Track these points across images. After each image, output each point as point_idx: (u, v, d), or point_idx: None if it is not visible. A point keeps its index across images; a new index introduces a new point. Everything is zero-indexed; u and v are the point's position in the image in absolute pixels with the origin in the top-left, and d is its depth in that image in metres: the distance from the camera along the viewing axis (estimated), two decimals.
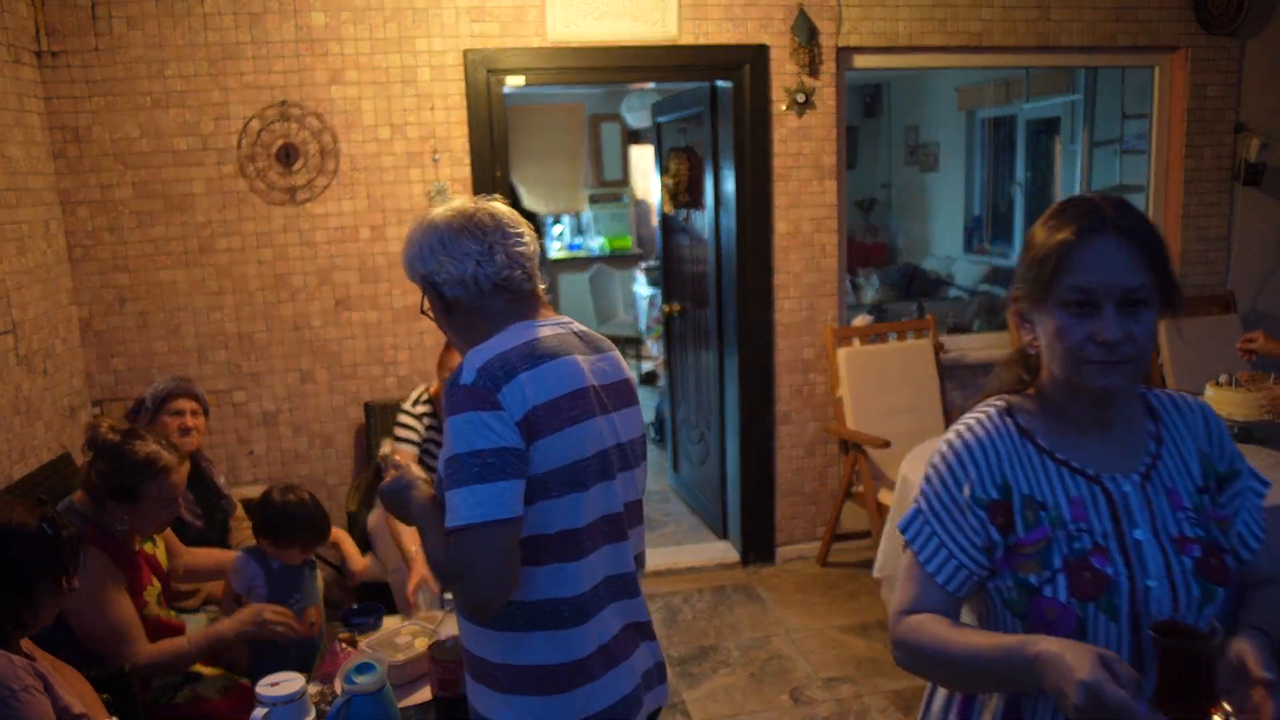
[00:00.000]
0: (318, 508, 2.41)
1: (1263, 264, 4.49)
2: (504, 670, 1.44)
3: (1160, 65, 4.29)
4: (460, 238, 1.46)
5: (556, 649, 1.43)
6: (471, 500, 1.32)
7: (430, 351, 3.69)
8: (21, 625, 1.71)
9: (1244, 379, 3.10)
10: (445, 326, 1.55)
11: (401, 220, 3.60)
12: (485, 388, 1.36)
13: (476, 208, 1.51)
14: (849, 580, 3.92)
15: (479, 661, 1.48)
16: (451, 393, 1.38)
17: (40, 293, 3.16)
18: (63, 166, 3.35)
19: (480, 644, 1.47)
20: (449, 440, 1.36)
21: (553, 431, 1.39)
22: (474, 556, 1.32)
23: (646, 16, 3.66)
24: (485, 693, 1.47)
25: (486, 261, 1.46)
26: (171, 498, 2.16)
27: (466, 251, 1.46)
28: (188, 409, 2.80)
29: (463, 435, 1.34)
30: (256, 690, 1.73)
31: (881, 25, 3.87)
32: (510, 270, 1.48)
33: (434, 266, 1.47)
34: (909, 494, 2.89)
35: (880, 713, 2.97)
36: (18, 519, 1.73)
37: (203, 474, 2.88)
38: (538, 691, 1.43)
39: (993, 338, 4.47)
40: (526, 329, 1.47)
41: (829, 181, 3.93)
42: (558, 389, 1.41)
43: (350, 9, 3.46)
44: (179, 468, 2.18)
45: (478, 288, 1.47)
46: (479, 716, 1.50)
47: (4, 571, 1.68)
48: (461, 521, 1.32)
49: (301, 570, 2.37)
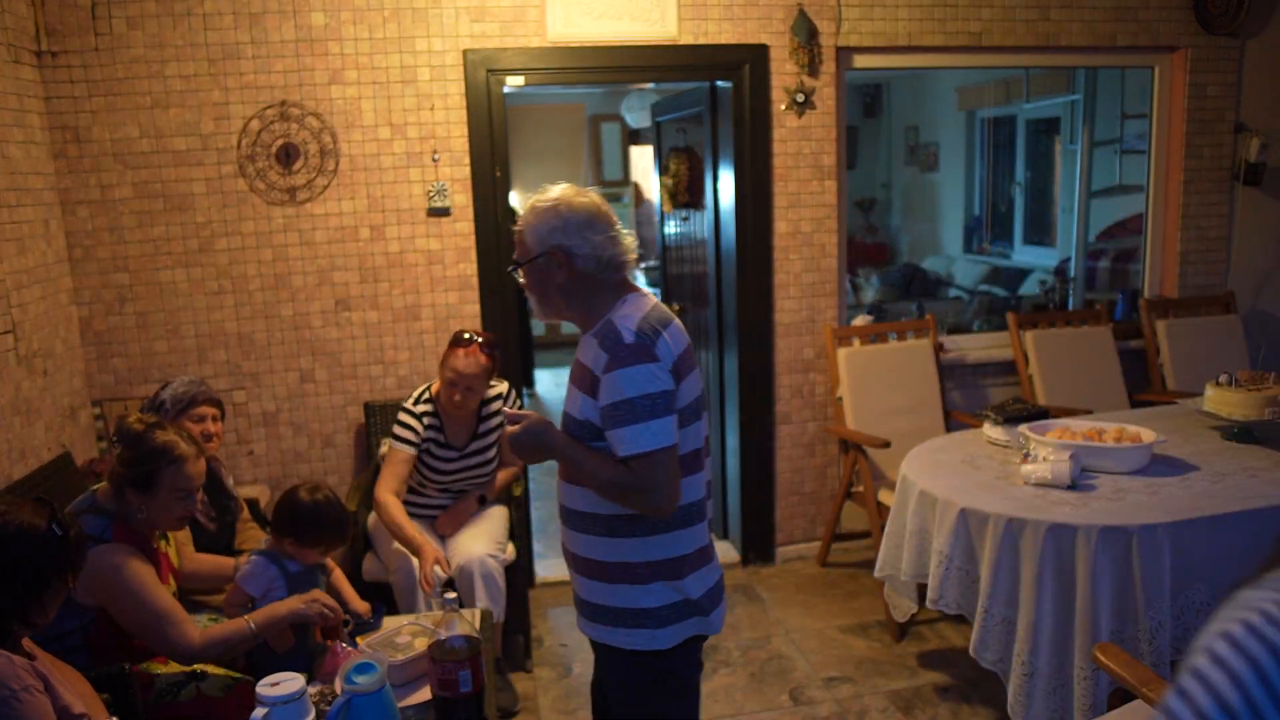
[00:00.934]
0: (342, 507, 2.40)
1: (1263, 264, 4.49)
2: (644, 565, 1.82)
3: (1160, 65, 4.29)
4: (598, 222, 1.80)
5: (687, 542, 1.85)
6: (648, 433, 1.71)
7: (430, 351, 3.69)
8: (29, 625, 1.71)
9: (1244, 379, 3.10)
10: (556, 293, 1.83)
11: (401, 220, 3.60)
12: (645, 344, 1.73)
13: (600, 200, 1.84)
14: (849, 580, 3.92)
15: (618, 565, 1.83)
16: (617, 349, 1.72)
17: (40, 293, 3.16)
18: (63, 166, 3.35)
19: (621, 550, 1.82)
20: (616, 386, 1.71)
21: (685, 376, 1.79)
22: (657, 475, 1.72)
23: (646, 16, 3.66)
24: (625, 588, 1.83)
25: (613, 245, 1.81)
26: (186, 488, 2.15)
27: (601, 234, 1.79)
28: (209, 415, 2.79)
29: (634, 382, 1.71)
30: (257, 690, 1.73)
31: (881, 25, 3.87)
32: (625, 255, 1.83)
33: (576, 241, 1.78)
34: (909, 494, 2.89)
35: (880, 713, 2.97)
36: (28, 519, 1.72)
37: (214, 475, 2.87)
38: (673, 576, 1.83)
39: (993, 338, 4.47)
40: (641, 299, 1.84)
41: (829, 181, 3.93)
42: (682, 344, 1.82)
43: (350, 9, 3.46)
44: (195, 459, 2.18)
45: (605, 264, 1.80)
46: (612, 609, 1.84)
47: (16, 572, 1.68)
48: (645, 449, 1.71)
49: (315, 571, 2.37)
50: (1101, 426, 2.94)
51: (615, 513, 1.80)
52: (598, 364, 1.74)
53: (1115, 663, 1.90)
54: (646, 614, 1.83)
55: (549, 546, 4.35)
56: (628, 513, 1.79)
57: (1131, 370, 4.27)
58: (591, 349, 1.78)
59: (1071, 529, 2.40)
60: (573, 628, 3.59)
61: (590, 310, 1.83)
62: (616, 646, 1.87)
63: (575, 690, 3.17)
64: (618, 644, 1.87)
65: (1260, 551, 2.47)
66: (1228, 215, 4.39)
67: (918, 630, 3.48)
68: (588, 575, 1.88)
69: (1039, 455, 2.77)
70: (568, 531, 1.91)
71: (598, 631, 1.90)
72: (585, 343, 1.82)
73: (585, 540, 1.86)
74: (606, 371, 1.72)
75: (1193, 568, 2.42)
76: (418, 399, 3.09)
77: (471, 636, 1.95)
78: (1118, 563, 2.38)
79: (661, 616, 1.84)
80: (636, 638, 1.85)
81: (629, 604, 1.84)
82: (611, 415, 1.73)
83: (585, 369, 1.79)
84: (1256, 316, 4.49)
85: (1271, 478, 2.68)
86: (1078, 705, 2.37)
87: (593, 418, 1.77)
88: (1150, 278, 4.49)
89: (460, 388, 2.97)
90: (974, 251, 7.95)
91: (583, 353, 1.82)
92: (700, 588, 1.87)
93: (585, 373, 1.79)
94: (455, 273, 3.68)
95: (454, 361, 2.97)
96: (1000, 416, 3.21)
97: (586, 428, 1.78)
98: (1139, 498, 2.57)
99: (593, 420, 1.77)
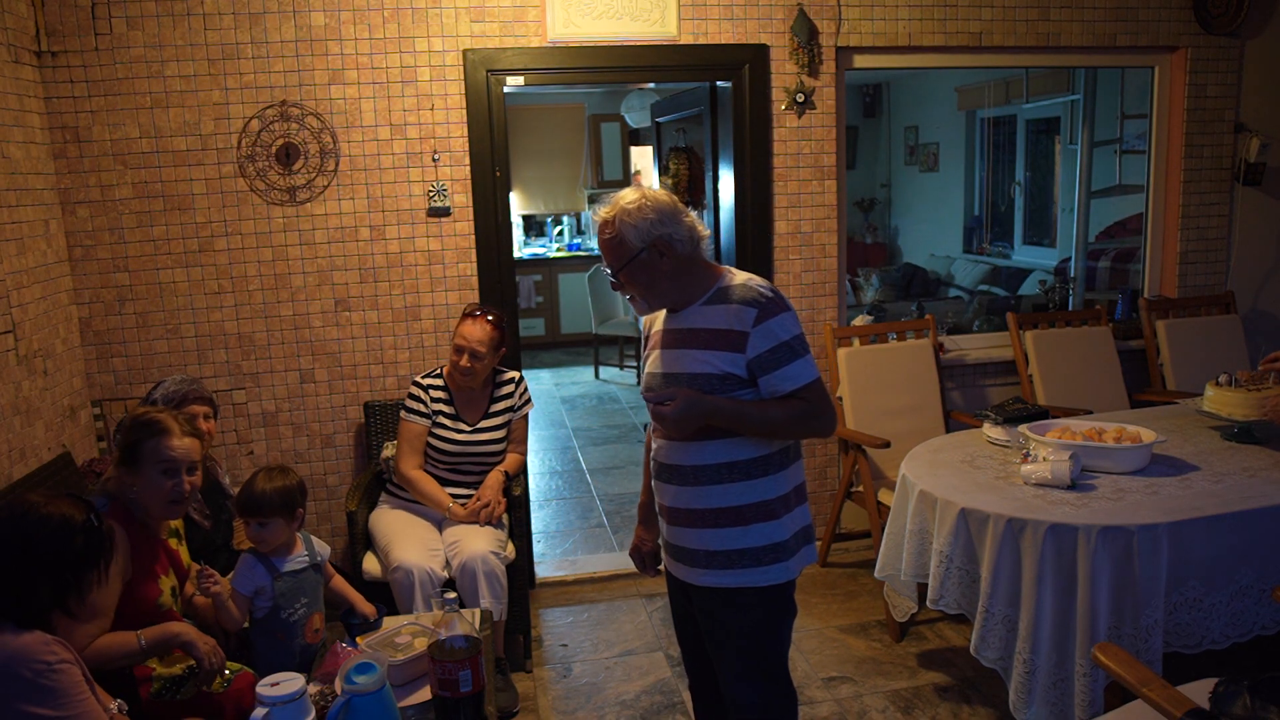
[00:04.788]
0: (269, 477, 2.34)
1: (1263, 264, 4.49)
2: (778, 500, 2.03)
3: (1160, 65, 4.29)
4: (679, 208, 2.03)
5: (799, 473, 2.11)
6: (808, 365, 1.97)
7: (430, 352, 3.69)
8: (68, 613, 1.77)
9: (1244, 379, 3.10)
10: (663, 279, 2.01)
11: (401, 220, 3.60)
12: (780, 296, 1.99)
13: (665, 190, 2.07)
14: (849, 580, 3.92)
15: (753, 507, 2.01)
16: (763, 303, 1.96)
17: (40, 293, 3.16)
18: (63, 166, 3.35)
19: (757, 491, 2.01)
20: (772, 333, 1.94)
21: None
22: (825, 398, 1.99)
23: (646, 16, 3.66)
24: (761, 527, 2.01)
25: (696, 225, 2.04)
26: (169, 462, 2.15)
27: (686, 217, 2.03)
28: (200, 413, 2.77)
29: (785, 326, 1.96)
30: (257, 690, 1.74)
31: (881, 25, 3.88)
32: (704, 231, 2.07)
33: (673, 229, 1.99)
34: (909, 494, 2.89)
35: (880, 713, 2.97)
36: (68, 512, 1.77)
37: (208, 473, 2.87)
38: (798, 504, 2.09)
39: (993, 338, 4.47)
40: (730, 269, 2.10)
41: (829, 181, 3.93)
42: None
43: (350, 9, 3.46)
44: (181, 436, 2.19)
45: (695, 243, 2.03)
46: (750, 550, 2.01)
47: (59, 561, 1.73)
48: (810, 378, 1.97)
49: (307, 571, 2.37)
50: (1101, 426, 2.94)
51: (752, 456, 2.00)
52: (743, 321, 1.95)
53: (1115, 662, 1.90)
54: (781, 547, 2.04)
55: (549, 547, 4.35)
56: (763, 454, 2.01)
57: (1131, 370, 4.27)
58: (722, 312, 1.98)
59: (1072, 529, 2.40)
60: (573, 627, 3.59)
61: (693, 286, 2.03)
62: (752, 586, 2.03)
63: (575, 690, 3.17)
64: (754, 583, 2.03)
65: (1259, 551, 2.47)
66: (1228, 215, 4.39)
67: (917, 630, 3.48)
68: (720, 525, 2.02)
69: (1039, 455, 2.77)
70: (691, 490, 2.03)
71: (732, 577, 2.03)
72: (701, 311, 2.01)
73: (720, 490, 2.01)
74: (758, 323, 1.94)
75: (1189, 565, 2.43)
76: (427, 374, 3.27)
77: (471, 636, 1.95)
78: (1117, 562, 2.38)
79: (791, 547, 2.05)
80: (773, 572, 2.03)
81: (766, 540, 2.02)
82: (772, 358, 1.94)
83: (719, 331, 1.97)
84: (1256, 316, 4.49)
85: (1271, 478, 2.68)
86: (1078, 701, 2.38)
87: (736, 370, 1.96)
88: (1150, 278, 4.49)
89: (466, 353, 3.12)
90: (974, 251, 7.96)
91: (704, 319, 2.00)
92: (808, 515, 2.14)
93: (721, 334, 1.97)
94: (455, 273, 3.68)
95: (462, 329, 3.15)
96: (1000, 416, 3.21)
97: (729, 380, 1.96)
98: (1139, 498, 2.57)
99: (735, 373, 1.96)
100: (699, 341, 2.00)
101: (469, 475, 3.23)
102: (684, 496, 2.05)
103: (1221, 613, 2.45)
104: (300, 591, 2.33)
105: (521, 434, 3.35)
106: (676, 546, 2.11)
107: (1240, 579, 2.47)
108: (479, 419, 3.24)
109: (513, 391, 3.31)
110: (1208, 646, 2.45)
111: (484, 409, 3.25)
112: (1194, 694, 1.79)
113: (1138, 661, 1.90)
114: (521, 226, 9.48)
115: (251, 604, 2.30)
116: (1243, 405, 3.00)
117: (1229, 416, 3.04)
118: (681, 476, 2.04)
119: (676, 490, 2.06)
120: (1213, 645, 2.45)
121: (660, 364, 2.06)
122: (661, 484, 2.11)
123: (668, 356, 2.04)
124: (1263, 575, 2.47)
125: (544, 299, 9.14)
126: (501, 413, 3.27)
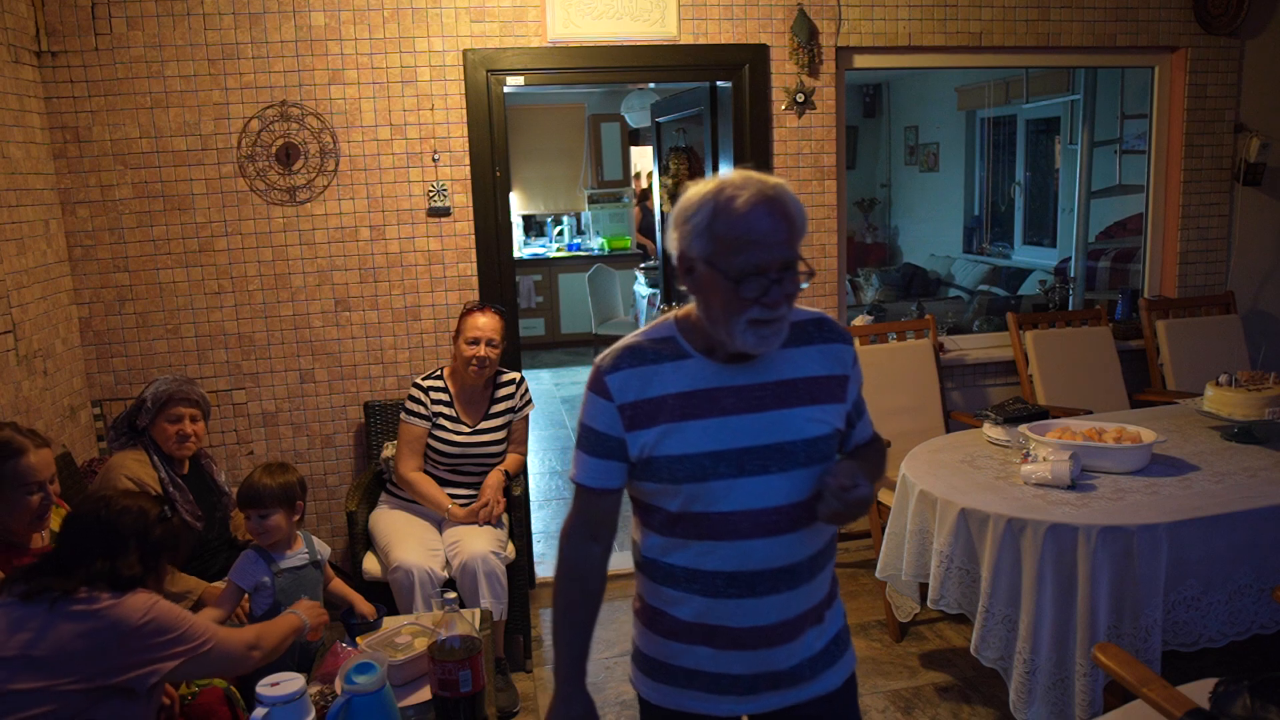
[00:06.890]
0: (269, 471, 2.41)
1: (1263, 264, 4.49)
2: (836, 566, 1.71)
3: (1160, 65, 4.29)
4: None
5: None
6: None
7: (430, 352, 3.69)
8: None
9: (1244, 379, 3.10)
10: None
11: (401, 220, 3.60)
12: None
13: None
14: (849, 580, 3.92)
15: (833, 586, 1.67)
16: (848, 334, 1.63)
17: (40, 293, 3.16)
18: (63, 166, 3.35)
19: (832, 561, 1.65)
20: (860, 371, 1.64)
21: None
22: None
23: (646, 16, 3.66)
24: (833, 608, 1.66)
25: None
26: (30, 483, 2.14)
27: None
28: (186, 415, 2.74)
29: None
30: (257, 690, 1.73)
31: (881, 25, 3.88)
32: None
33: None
34: (909, 494, 2.89)
35: (880, 713, 2.97)
36: (148, 506, 1.94)
37: (203, 471, 2.87)
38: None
39: (993, 338, 4.47)
40: None
41: (829, 181, 3.93)
42: None
43: (350, 9, 3.46)
44: (36, 450, 2.16)
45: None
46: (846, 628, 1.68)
47: (145, 547, 1.87)
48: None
49: (306, 571, 2.37)
50: (1101, 426, 2.94)
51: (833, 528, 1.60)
52: (842, 362, 1.59)
53: (1115, 662, 1.90)
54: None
55: (550, 547, 4.35)
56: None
57: (1131, 370, 4.27)
58: (814, 355, 1.56)
59: (1072, 529, 2.40)
60: None
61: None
62: (854, 670, 1.68)
63: None
64: (853, 665, 1.68)
65: (1259, 551, 2.47)
66: (1228, 215, 4.39)
67: (918, 630, 3.48)
68: (829, 605, 1.63)
69: (1039, 455, 2.77)
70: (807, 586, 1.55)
71: (847, 663, 1.65)
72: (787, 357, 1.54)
73: (825, 574, 1.61)
74: (856, 363, 1.63)
75: (1188, 565, 2.43)
76: (427, 376, 3.26)
77: (471, 636, 1.95)
78: (1117, 562, 2.38)
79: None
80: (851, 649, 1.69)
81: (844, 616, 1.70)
82: (861, 402, 1.68)
83: (819, 380, 1.55)
84: (1256, 316, 4.49)
85: (1271, 478, 2.68)
86: (1078, 701, 2.38)
87: (841, 425, 1.59)
88: (1150, 278, 4.49)
89: (483, 342, 3.14)
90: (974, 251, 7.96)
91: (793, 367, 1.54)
92: None
93: (822, 382, 1.55)
94: (455, 273, 3.68)
95: (473, 321, 3.16)
96: (1000, 416, 3.21)
97: (837, 437, 1.59)
98: (1139, 498, 2.57)
99: (839, 426, 1.58)
100: (802, 396, 1.53)
101: (469, 476, 3.23)
102: (800, 599, 1.54)
103: (1219, 612, 2.45)
104: (300, 588, 2.33)
105: (522, 434, 3.35)
106: (776, 673, 1.55)
107: (1239, 578, 2.47)
108: (479, 420, 3.24)
109: (514, 392, 3.31)
110: (1204, 644, 2.46)
111: (484, 410, 3.25)
112: (1194, 694, 1.79)
113: (1137, 661, 1.90)
114: (521, 226, 9.48)
115: (252, 599, 2.31)
116: (1243, 405, 3.00)
117: (1229, 416, 3.05)
118: (796, 576, 1.52)
119: (789, 596, 1.52)
120: (1209, 643, 2.46)
121: (741, 435, 1.48)
122: (760, 599, 1.51)
123: (757, 423, 1.49)
124: (1261, 575, 2.47)
125: (544, 299, 9.15)
126: (502, 413, 3.27)
